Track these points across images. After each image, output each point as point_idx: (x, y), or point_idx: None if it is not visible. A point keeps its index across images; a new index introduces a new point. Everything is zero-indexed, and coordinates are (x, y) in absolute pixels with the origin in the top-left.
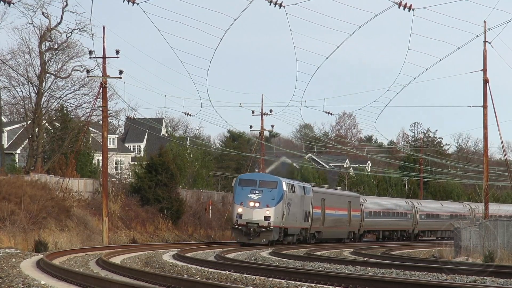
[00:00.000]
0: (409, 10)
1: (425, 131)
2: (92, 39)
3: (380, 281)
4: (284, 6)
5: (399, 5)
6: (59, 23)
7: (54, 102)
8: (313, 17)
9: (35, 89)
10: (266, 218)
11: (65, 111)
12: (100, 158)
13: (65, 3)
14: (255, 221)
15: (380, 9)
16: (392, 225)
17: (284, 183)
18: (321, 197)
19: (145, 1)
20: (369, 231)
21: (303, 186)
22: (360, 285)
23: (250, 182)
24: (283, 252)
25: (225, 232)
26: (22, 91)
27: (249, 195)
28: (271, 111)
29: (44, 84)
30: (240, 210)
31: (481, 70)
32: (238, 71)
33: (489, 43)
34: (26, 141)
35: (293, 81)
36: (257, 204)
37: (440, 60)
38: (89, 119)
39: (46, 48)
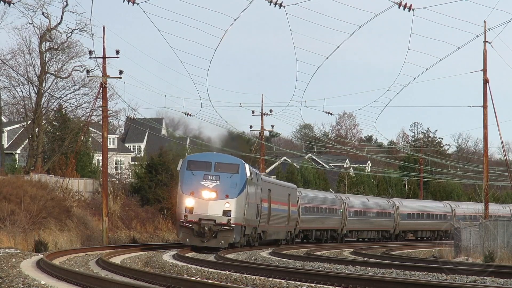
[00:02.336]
0: (409, 10)
1: (425, 131)
2: (92, 39)
3: (380, 281)
4: (284, 6)
5: (399, 5)
6: (59, 23)
7: (54, 102)
8: (313, 17)
9: (35, 89)
10: (226, 213)
11: (63, 112)
12: (100, 158)
13: (65, 3)
14: (211, 217)
15: (380, 9)
16: (324, 224)
17: (247, 167)
18: (268, 188)
19: (145, 1)
20: (304, 230)
21: (256, 172)
22: (360, 285)
23: (203, 165)
24: (283, 252)
25: None
26: (22, 91)
27: (202, 182)
28: (271, 111)
29: (44, 84)
30: (190, 202)
31: (481, 70)
32: (238, 71)
33: (489, 43)
34: (26, 141)
35: (293, 81)
36: (213, 194)
37: (440, 60)
38: (89, 119)
39: (46, 48)
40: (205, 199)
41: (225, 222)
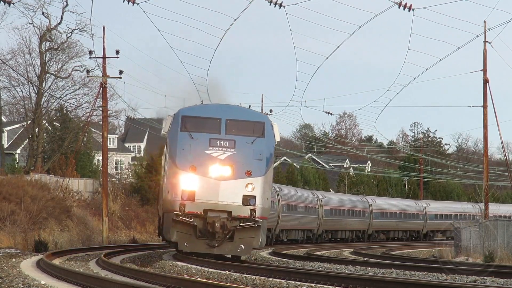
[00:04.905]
0: (409, 10)
1: (425, 131)
2: (92, 39)
3: (380, 281)
4: (284, 6)
5: (399, 5)
6: (59, 23)
7: (54, 102)
8: (313, 17)
9: (35, 89)
10: (248, 200)
11: (65, 111)
12: (100, 158)
13: (65, 3)
14: (224, 206)
15: (380, 9)
16: (301, 223)
17: (276, 127)
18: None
19: (145, 1)
20: (283, 230)
21: None
22: (360, 285)
23: (208, 124)
24: (283, 252)
25: None
26: (22, 91)
27: (208, 152)
28: (271, 111)
29: (44, 84)
30: (189, 183)
31: (481, 70)
32: (238, 71)
33: (489, 43)
34: (26, 141)
35: (293, 81)
36: (227, 170)
37: (440, 60)
38: (89, 119)
39: (46, 48)
40: (214, 178)
41: (246, 215)
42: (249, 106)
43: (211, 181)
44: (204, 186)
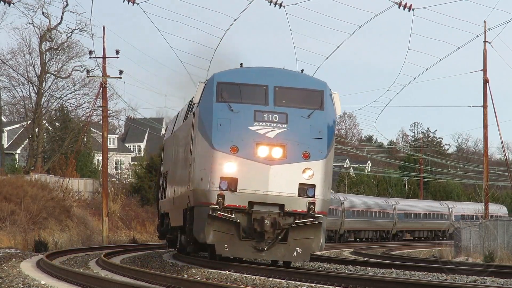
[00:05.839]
0: (409, 10)
1: (425, 131)
2: (92, 39)
3: (380, 281)
4: (284, 6)
5: (399, 5)
6: (59, 23)
7: (54, 102)
8: (313, 17)
9: (35, 89)
10: (305, 190)
11: (65, 111)
12: (100, 158)
13: (65, 3)
14: (275, 198)
15: (380, 9)
16: None
17: (337, 96)
18: None
19: (145, 1)
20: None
21: None
22: (360, 285)
23: (251, 93)
24: None
25: None
26: (22, 91)
27: (252, 128)
28: None
29: (44, 84)
30: (230, 167)
31: (481, 70)
32: None
33: (489, 43)
34: (26, 141)
35: None
36: (277, 152)
37: (440, 60)
38: (89, 119)
39: (46, 48)
40: (262, 162)
41: (303, 209)
42: (302, 70)
43: (258, 165)
44: (249, 172)
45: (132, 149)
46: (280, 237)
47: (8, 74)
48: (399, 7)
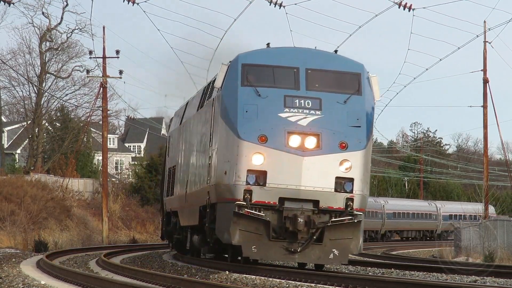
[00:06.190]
0: (409, 10)
1: (425, 131)
2: (92, 39)
3: (380, 281)
4: (284, 6)
5: (399, 5)
6: (59, 23)
7: (54, 102)
8: (313, 17)
9: (35, 89)
10: (342, 184)
11: (65, 111)
12: (100, 158)
13: (65, 3)
14: (308, 193)
15: (380, 9)
16: None
17: (375, 79)
18: None
19: (145, 1)
20: None
21: None
22: (360, 285)
23: (281, 76)
24: None
25: None
26: (22, 91)
27: (283, 115)
28: None
29: (44, 84)
30: (258, 159)
31: (481, 70)
32: None
33: (489, 43)
34: (26, 141)
35: None
36: (311, 141)
37: (440, 60)
38: (89, 119)
39: (46, 48)
40: (293, 153)
41: (339, 206)
42: (335, 50)
43: (290, 157)
44: (280, 164)
45: (132, 149)
46: (314, 237)
47: (8, 74)
48: (399, 7)
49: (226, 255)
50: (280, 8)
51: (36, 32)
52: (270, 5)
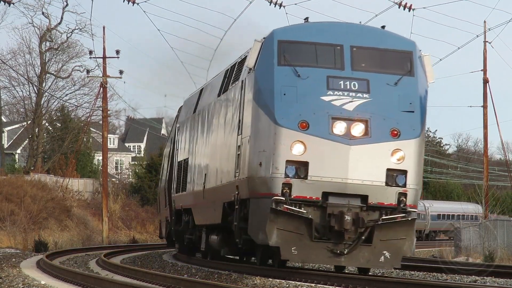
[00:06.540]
0: (409, 10)
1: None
2: (92, 39)
3: (380, 281)
4: (284, 6)
5: (399, 5)
6: (59, 23)
7: (54, 102)
8: (313, 17)
9: (35, 89)
10: (394, 176)
11: (66, 111)
12: (100, 158)
13: (65, 3)
14: (356, 188)
15: (380, 9)
16: None
17: (428, 58)
18: None
19: (145, 1)
20: None
21: None
22: (360, 285)
23: (323, 54)
24: None
25: None
26: (22, 91)
27: (326, 98)
28: None
29: (44, 84)
30: (298, 148)
31: (481, 70)
32: None
33: (489, 43)
34: (26, 141)
35: None
36: (358, 128)
37: (440, 60)
38: (89, 119)
39: (46, 48)
40: (339, 141)
41: (391, 202)
42: (383, 26)
43: (335, 146)
44: (323, 154)
45: (132, 149)
46: (363, 237)
47: (8, 74)
48: (399, 7)
49: (254, 258)
50: (280, 8)
51: (36, 32)
52: (270, 5)
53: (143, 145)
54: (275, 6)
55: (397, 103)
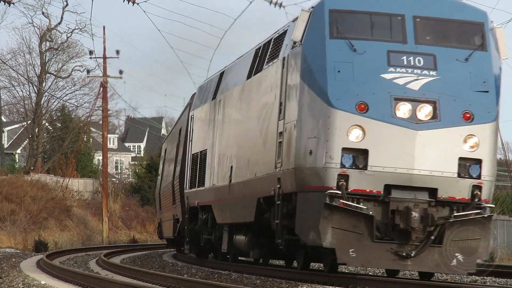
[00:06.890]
0: None
1: None
2: (92, 39)
3: (380, 281)
4: (284, 6)
5: None
6: (59, 23)
7: (54, 102)
8: None
9: (35, 89)
10: (467, 166)
11: (66, 111)
12: (100, 158)
13: (65, 3)
14: (425, 179)
15: None
16: None
17: (500, 31)
18: None
19: (145, 1)
20: None
21: None
22: (360, 285)
23: (382, 25)
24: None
25: None
26: (22, 91)
27: (386, 76)
28: None
29: (44, 84)
30: (355, 135)
31: None
32: None
33: None
34: (26, 141)
35: None
36: (425, 111)
37: None
38: (89, 119)
39: (46, 48)
40: (403, 126)
41: (464, 196)
42: None
43: (399, 131)
44: (386, 140)
45: (132, 149)
46: (432, 237)
47: (8, 74)
48: None
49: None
50: (280, 8)
51: (36, 32)
52: (270, 5)
53: (143, 145)
54: (275, 6)
55: (469, 81)
